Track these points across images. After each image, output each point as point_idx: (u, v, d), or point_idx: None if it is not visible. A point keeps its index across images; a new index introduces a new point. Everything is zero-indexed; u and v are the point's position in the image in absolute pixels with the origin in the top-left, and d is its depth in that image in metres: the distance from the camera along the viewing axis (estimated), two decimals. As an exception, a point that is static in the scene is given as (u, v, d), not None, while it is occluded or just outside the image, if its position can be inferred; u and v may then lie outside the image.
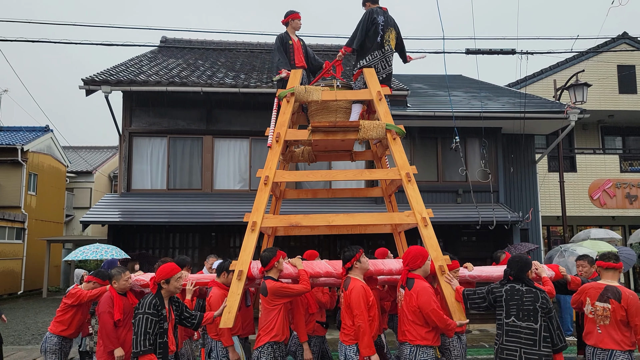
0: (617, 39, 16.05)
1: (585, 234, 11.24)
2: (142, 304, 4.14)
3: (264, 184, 5.25)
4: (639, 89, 15.96)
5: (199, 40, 15.90)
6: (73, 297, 5.39)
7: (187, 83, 10.82)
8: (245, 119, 11.74)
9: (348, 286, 4.39)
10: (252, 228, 5.04)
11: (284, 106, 5.66)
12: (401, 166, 5.34)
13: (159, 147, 11.68)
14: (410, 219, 5.18)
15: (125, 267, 5.40)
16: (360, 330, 4.19)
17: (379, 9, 5.99)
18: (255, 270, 4.87)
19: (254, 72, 12.59)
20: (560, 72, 15.60)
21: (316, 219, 5.24)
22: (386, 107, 5.65)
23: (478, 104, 11.69)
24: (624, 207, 14.97)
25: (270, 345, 4.54)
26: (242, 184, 11.76)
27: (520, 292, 3.93)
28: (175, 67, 12.64)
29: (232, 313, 4.61)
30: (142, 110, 11.59)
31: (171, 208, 10.55)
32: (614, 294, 4.29)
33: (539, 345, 3.76)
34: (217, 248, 11.38)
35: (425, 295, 4.19)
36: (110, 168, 26.95)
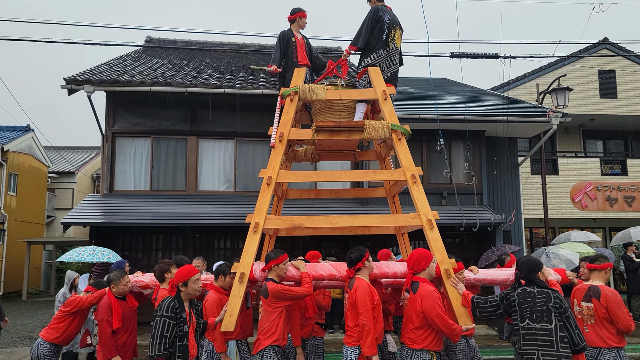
0: (598, 44, 16.32)
1: (566, 236, 11.40)
2: (161, 306, 4.04)
3: (266, 185, 5.14)
4: (619, 94, 16.24)
5: (184, 41, 15.80)
6: (72, 304, 5.26)
7: (172, 83, 10.74)
8: (230, 120, 11.69)
9: (353, 285, 4.33)
10: (254, 229, 4.93)
11: (287, 105, 5.55)
12: (407, 167, 5.27)
13: (142, 147, 11.56)
14: (415, 221, 5.09)
15: (122, 271, 5.24)
16: (364, 328, 4.12)
17: (384, 6, 5.84)
18: (258, 273, 4.79)
19: (240, 73, 12.55)
20: (542, 77, 15.81)
21: (320, 220, 5.14)
22: (391, 106, 5.57)
23: (462, 107, 11.80)
24: (604, 209, 15.21)
25: (272, 348, 4.44)
26: (227, 185, 11.70)
27: (532, 294, 3.89)
28: (159, 67, 12.54)
29: (233, 316, 4.53)
30: (125, 110, 11.47)
31: (155, 209, 10.44)
32: (594, 292, 4.39)
33: (556, 346, 3.70)
34: (201, 249, 11.30)
35: (429, 300, 4.13)
36: (93, 169, 26.61)
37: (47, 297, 18.13)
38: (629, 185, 15.31)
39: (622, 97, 16.21)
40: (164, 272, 4.89)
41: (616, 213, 15.22)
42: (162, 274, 4.90)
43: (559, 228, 15.74)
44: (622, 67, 16.32)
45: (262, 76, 12.29)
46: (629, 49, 16.51)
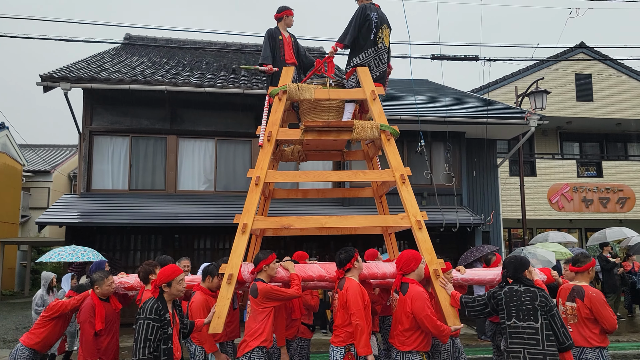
0: (575, 48, 16.64)
1: (544, 236, 11.57)
2: (144, 308, 3.91)
3: (255, 185, 5.06)
4: (595, 97, 16.58)
5: (164, 39, 15.61)
6: (54, 309, 5.06)
7: (151, 81, 10.59)
8: (210, 119, 11.58)
9: (343, 286, 4.30)
10: (242, 230, 4.83)
11: (276, 104, 5.47)
12: (395, 168, 5.24)
13: (120, 146, 11.38)
14: (404, 221, 5.07)
15: (106, 271, 5.07)
16: (357, 328, 4.10)
17: (372, 5, 5.77)
18: (246, 274, 4.72)
19: (221, 72, 12.45)
20: (521, 79, 16.05)
21: (309, 221, 5.09)
22: (380, 107, 5.51)
23: (443, 108, 11.90)
24: (580, 210, 15.50)
25: (260, 349, 4.35)
26: (207, 185, 11.59)
27: (518, 292, 3.91)
28: (138, 65, 12.37)
29: (221, 318, 4.44)
30: (103, 108, 11.28)
31: (133, 209, 10.29)
32: (578, 293, 4.42)
33: (542, 345, 3.73)
34: (180, 250, 11.17)
35: (419, 301, 4.14)
36: (70, 167, 26.12)
37: (22, 298, 17.73)
38: (604, 187, 15.63)
39: (597, 101, 16.55)
40: (149, 274, 4.77)
41: (592, 214, 15.52)
42: (147, 275, 4.78)
43: (536, 229, 15.99)
44: (598, 71, 16.66)
45: (243, 75, 12.21)
46: (605, 54, 16.87)
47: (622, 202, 15.69)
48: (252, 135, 11.72)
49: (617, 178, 15.83)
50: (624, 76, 16.84)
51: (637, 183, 15.88)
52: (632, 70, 16.94)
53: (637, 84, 16.88)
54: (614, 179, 15.81)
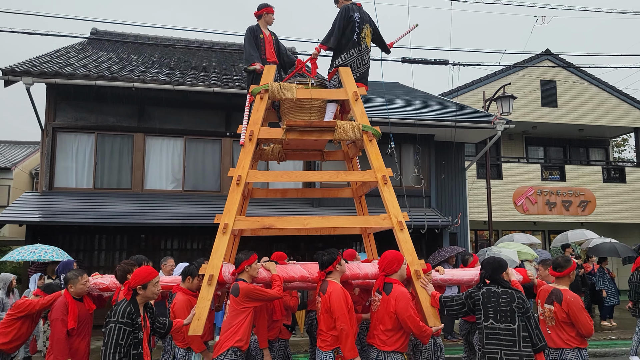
0: (541, 55, 17.08)
1: (509, 238, 11.83)
2: (115, 311, 3.76)
3: (236, 184, 4.99)
4: (559, 103, 17.04)
5: (133, 35, 15.29)
6: (21, 307, 4.84)
7: (118, 78, 10.35)
8: (179, 118, 11.40)
9: (326, 289, 4.27)
10: (223, 230, 4.77)
11: (257, 103, 5.42)
12: (377, 168, 5.25)
13: (85, 143, 11.08)
14: (386, 222, 5.08)
15: (80, 269, 4.88)
16: (343, 333, 4.09)
17: (353, 5, 5.78)
18: (227, 274, 4.64)
19: (190, 70, 12.27)
20: (489, 84, 16.37)
21: (290, 221, 5.07)
22: (362, 107, 5.52)
23: (413, 111, 12.02)
24: (544, 213, 15.91)
25: (234, 352, 4.25)
26: (175, 185, 11.40)
27: (496, 294, 3.94)
28: (105, 60, 12.07)
29: (202, 320, 4.37)
30: (67, 104, 10.96)
31: (98, 208, 10.03)
32: (557, 296, 4.48)
33: (519, 346, 3.78)
34: (146, 250, 10.94)
35: (403, 301, 4.15)
36: (32, 165, 25.30)
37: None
38: (567, 191, 16.08)
39: (561, 107, 17.02)
40: (126, 274, 4.56)
41: (555, 217, 15.95)
42: (124, 275, 4.58)
43: (502, 230, 16.33)
44: (562, 78, 17.15)
45: (213, 74, 12.07)
46: (569, 61, 17.37)
47: (583, 205, 16.17)
48: (221, 135, 11.59)
49: (579, 182, 16.31)
50: (587, 83, 17.38)
51: (597, 187, 16.40)
52: (594, 77, 17.49)
53: (599, 91, 17.44)
54: (576, 183, 16.28)
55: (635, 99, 17.68)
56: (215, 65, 13.44)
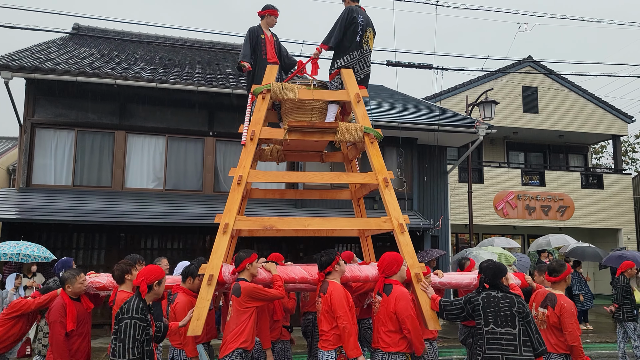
0: (523, 61, 17.31)
1: (489, 241, 11.95)
2: (129, 307, 3.77)
3: (237, 184, 4.95)
4: (540, 109, 17.30)
5: (116, 31, 15.10)
6: (16, 307, 4.73)
7: (100, 74, 10.20)
8: (162, 116, 11.28)
9: (327, 289, 4.27)
10: (224, 230, 4.75)
11: (259, 103, 5.36)
12: (379, 171, 5.24)
13: (65, 140, 10.90)
14: (386, 225, 5.09)
15: (77, 269, 4.80)
16: (345, 331, 4.09)
17: (358, 7, 5.76)
18: (227, 275, 4.63)
19: (174, 68, 12.16)
20: (472, 89, 16.53)
21: (291, 222, 5.06)
22: (364, 109, 5.52)
23: (396, 114, 12.08)
24: (523, 217, 16.12)
25: (239, 353, 4.23)
26: (156, 183, 11.28)
27: (496, 298, 3.94)
28: (87, 56, 11.90)
29: (201, 320, 4.34)
30: (47, 100, 10.77)
31: (76, 206, 9.86)
32: (551, 300, 4.52)
33: (520, 350, 3.80)
34: (126, 249, 10.81)
35: (403, 301, 4.17)
36: (9, 161, 24.78)
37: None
38: (546, 196, 16.32)
39: (542, 113, 17.28)
40: (125, 273, 4.52)
41: (534, 221, 16.17)
42: (122, 275, 4.52)
43: (482, 234, 16.49)
44: (544, 85, 17.40)
45: (197, 72, 11.98)
46: (550, 68, 17.64)
47: (562, 210, 16.42)
48: (204, 134, 11.51)
49: (558, 187, 16.57)
50: (568, 90, 17.67)
51: (576, 193, 16.67)
52: (574, 85, 17.79)
53: (579, 98, 17.74)
54: (556, 188, 16.53)
55: (613, 107, 18.03)
56: (199, 63, 13.34)
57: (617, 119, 17.97)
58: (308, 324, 6.02)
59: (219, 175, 11.61)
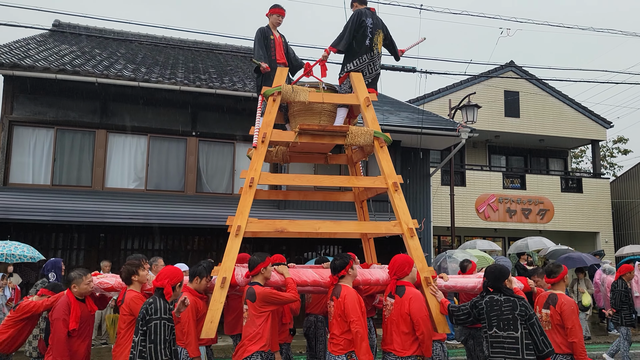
0: (505, 66, 17.52)
1: (472, 244, 12.05)
2: (155, 308, 3.77)
3: (248, 186, 4.97)
4: (522, 114, 17.52)
5: (98, 28, 14.90)
6: (25, 309, 4.71)
7: (80, 72, 10.04)
8: (144, 115, 11.15)
9: (340, 293, 4.27)
10: (236, 233, 4.78)
11: (270, 105, 5.36)
12: (388, 175, 5.29)
13: (44, 138, 10.71)
14: (396, 229, 5.14)
15: (84, 269, 4.75)
16: (358, 336, 4.10)
17: (367, 10, 5.79)
18: (240, 277, 4.65)
19: (157, 67, 12.04)
20: (455, 93, 16.69)
21: (302, 225, 5.10)
22: (373, 113, 5.55)
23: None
24: (504, 220, 16.30)
25: (260, 354, 4.27)
26: (137, 183, 11.14)
27: (499, 302, 3.96)
28: (68, 53, 11.71)
29: (214, 323, 4.36)
30: (26, 97, 10.56)
31: (55, 205, 9.68)
32: (552, 300, 4.58)
33: (522, 354, 3.80)
34: (105, 250, 10.66)
35: (417, 302, 4.19)
36: (-13, 159, 24.29)
37: None
38: (527, 199, 16.54)
39: (523, 117, 17.51)
40: (131, 274, 4.51)
41: (515, 224, 16.37)
42: (130, 275, 4.51)
43: (464, 236, 16.64)
44: (525, 89, 17.64)
45: (180, 72, 11.88)
46: (532, 73, 17.90)
47: (542, 213, 16.65)
48: (187, 134, 11.41)
49: (538, 191, 16.80)
50: (548, 95, 17.94)
51: (556, 196, 16.93)
52: (555, 90, 18.07)
53: (560, 103, 18.02)
54: (536, 192, 16.76)
55: (593, 113, 18.35)
56: (182, 63, 13.23)
57: (596, 124, 18.30)
58: (310, 326, 6.07)
59: (201, 175, 11.52)
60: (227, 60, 14.80)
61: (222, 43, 16.10)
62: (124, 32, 15.09)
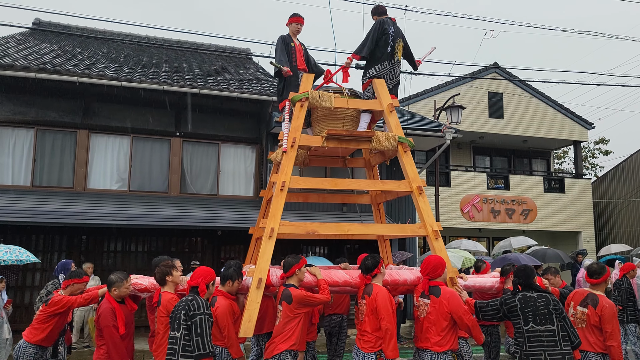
0: (489, 67, 17.66)
1: (457, 244, 12.12)
2: (198, 304, 3.99)
3: (280, 190, 5.12)
4: (505, 115, 17.67)
5: (79, 27, 14.66)
6: (59, 304, 4.86)
7: (61, 71, 9.86)
8: (126, 115, 11.00)
9: (372, 292, 4.46)
10: (269, 235, 4.93)
11: (297, 111, 5.52)
12: (413, 179, 5.50)
13: (24, 139, 10.51)
14: (421, 231, 5.37)
15: (124, 272, 4.88)
16: (387, 333, 4.30)
17: (388, 19, 6.06)
18: (275, 278, 4.83)
19: (140, 66, 11.88)
20: (440, 94, 16.76)
21: (332, 227, 5.31)
22: (397, 119, 5.75)
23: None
24: (488, 220, 16.43)
25: (289, 353, 4.47)
26: (120, 184, 10.98)
27: (532, 299, 4.14)
28: (48, 52, 11.51)
29: (252, 322, 4.55)
30: (5, 97, 10.35)
31: (36, 207, 9.50)
32: (592, 300, 4.70)
33: (560, 345, 4.01)
34: (87, 252, 10.50)
35: (456, 300, 4.41)
36: (-35, 160, 23.80)
37: None
38: (511, 199, 16.69)
39: (507, 118, 17.66)
40: (166, 275, 4.64)
41: (499, 224, 16.50)
42: (164, 277, 4.65)
43: (449, 236, 16.73)
44: (509, 91, 17.80)
45: (163, 71, 11.75)
46: (515, 75, 18.07)
47: (525, 213, 16.82)
48: (171, 134, 11.29)
49: (522, 191, 16.96)
50: (531, 97, 18.12)
51: (539, 196, 17.10)
52: (538, 91, 18.27)
53: (543, 104, 18.22)
54: (519, 192, 16.92)
55: (575, 114, 18.59)
56: (166, 62, 13.09)
57: (578, 125, 18.54)
58: (335, 325, 6.26)
59: (185, 176, 11.40)
60: (212, 60, 14.69)
61: (207, 43, 15.97)
62: (106, 31, 14.88)
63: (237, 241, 11.42)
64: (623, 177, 18.64)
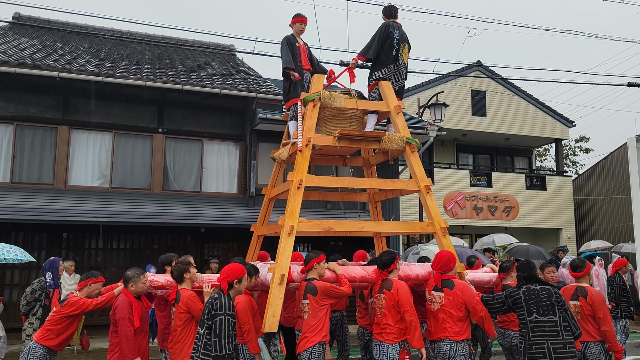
0: (472, 66, 17.79)
1: (439, 241, 12.19)
2: (220, 304, 4.00)
3: (297, 188, 5.28)
4: (488, 113, 17.83)
5: (60, 22, 14.44)
6: (74, 306, 4.71)
7: (41, 66, 9.71)
8: (108, 111, 10.88)
9: (392, 286, 4.69)
10: (289, 232, 5.08)
11: (310, 110, 5.66)
12: (420, 178, 5.73)
13: (3, 134, 10.32)
14: (430, 228, 5.68)
15: (140, 269, 4.87)
16: (412, 324, 4.55)
17: (394, 23, 6.18)
18: (296, 274, 4.96)
19: (122, 62, 11.75)
20: (423, 92, 16.84)
21: (347, 225, 5.56)
22: (403, 120, 5.94)
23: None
24: (471, 217, 16.58)
25: (321, 345, 4.60)
26: (101, 181, 10.85)
27: (535, 291, 4.33)
28: (28, 47, 11.31)
29: (276, 317, 4.66)
30: (-17, 91, 10.16)
31: (15, 204, 9.35)
32: (581, 292, 5.01)
33: (562, 335, 4.19)
34: (68, 250, 10.36)
35: (469, 290, 4.72)
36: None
37: None
38: (493, 196, 16.86)
39: (490, 116, 17.82)
40: (184, 273, 4.68)
41: (481, 221, 16.66)
42: (182, 274, 4.68)
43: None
44: (491, 89, 17.96)
45: (146, 67, 11.63)
46: (498, 73, 18.23)
47: (507, 210, 17.01)
48: (153, 130, 11.19)
49: (504, 188, 17.14)
50: (514, 95, 18.31)
51: (521, 194, 17.31)
52: (520, 90, 18.46)
53: (525, 102, 18.42)
54: (502, 189, 17.10)
55: (556, 112, 18.83)
56: (148, 58, 12.96)
57: (560, 123, 18.78)
58: (335, 322, 6.41)
59: (168, 173, 11.31)
60: (195, 56, 14.57)
61: (190, 38, 15.84)
62: (87, 26, 14.68)
63: (221, 238, 11.37)
64: (603, 174, 18.94)
